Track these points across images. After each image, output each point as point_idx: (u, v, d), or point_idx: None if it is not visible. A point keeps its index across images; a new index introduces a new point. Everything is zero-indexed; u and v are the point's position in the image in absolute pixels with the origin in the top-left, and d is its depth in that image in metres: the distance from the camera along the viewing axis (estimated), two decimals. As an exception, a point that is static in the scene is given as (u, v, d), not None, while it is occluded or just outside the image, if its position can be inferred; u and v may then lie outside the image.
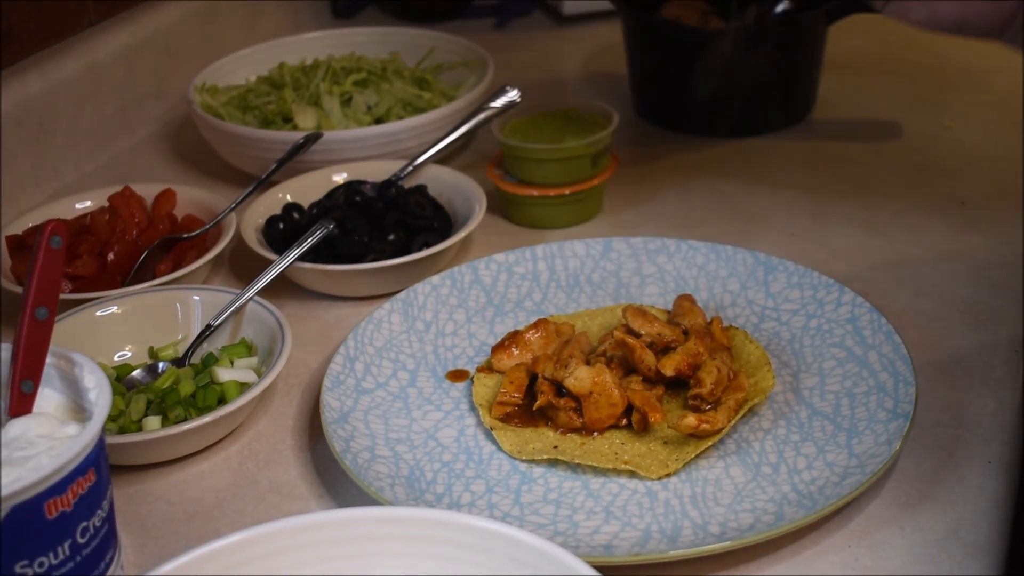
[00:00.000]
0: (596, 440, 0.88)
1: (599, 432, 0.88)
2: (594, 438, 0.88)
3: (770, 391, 0.89)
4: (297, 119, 1.29)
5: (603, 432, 0.88)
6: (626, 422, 0.89)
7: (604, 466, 0.85)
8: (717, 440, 0.86)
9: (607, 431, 0.89)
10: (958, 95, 1.44)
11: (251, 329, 0.98)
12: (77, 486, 0.71)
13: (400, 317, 1.00)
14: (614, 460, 0.85)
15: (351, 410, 0.90)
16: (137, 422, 0.90)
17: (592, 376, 0.88)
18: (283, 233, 1.12)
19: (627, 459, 0.85)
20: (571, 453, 0.86)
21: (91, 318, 0.99)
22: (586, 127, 1.20)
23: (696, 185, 1.26)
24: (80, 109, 1.34)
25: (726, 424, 0.86)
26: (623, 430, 0.89)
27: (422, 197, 1.14)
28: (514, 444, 0.88)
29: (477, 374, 0.96)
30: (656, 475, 0.84)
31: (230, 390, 0.92)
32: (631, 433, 0.88)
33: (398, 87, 1.35)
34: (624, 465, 0.84)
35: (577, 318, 1.01)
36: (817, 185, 1.25)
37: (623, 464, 0.85)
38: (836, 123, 1.39)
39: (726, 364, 0.89)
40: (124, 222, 1.12)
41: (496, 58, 1.41)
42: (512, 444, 0.88)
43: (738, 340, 0.95)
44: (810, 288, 0.99)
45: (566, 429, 0.89)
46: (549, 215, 1.19)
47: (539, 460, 0.86)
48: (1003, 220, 1.16)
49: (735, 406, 0.87)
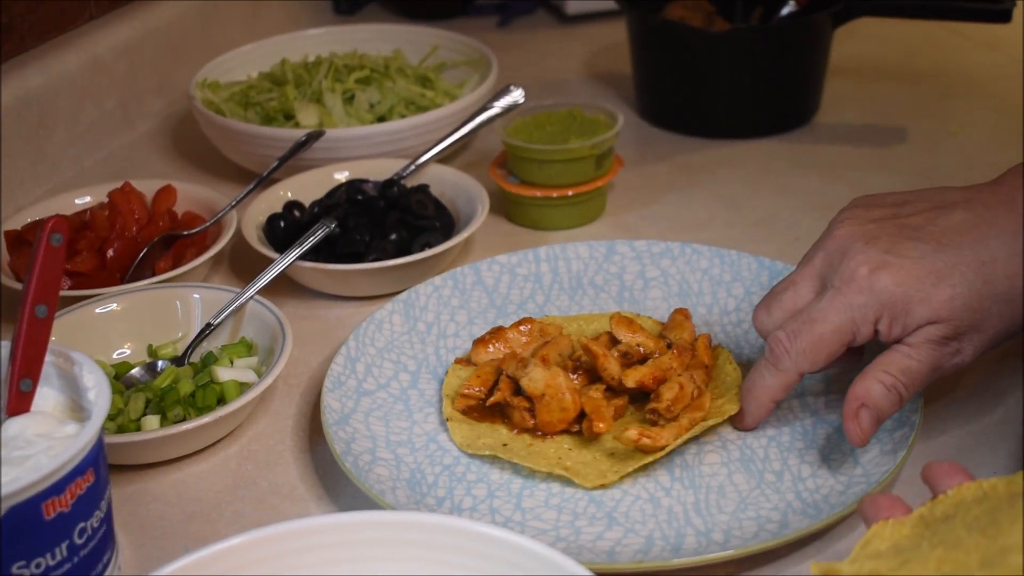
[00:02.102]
0: (544, 443, 0.88)
1: (550, 435, 0.88)
2: (543, 440, 0.88)
3: (732, 414, 0.87)
4: (299, 116, 1.28)
5: (553, 436, 0.88)
6: (578, 428, 0.88)
7: (540, 468, 0.84)
8: (660, 457, 0.84)
9: (558, 435, 0.88)
10: (963, 100, 1.44)
11: (251, 328, 0.98)
12: (75, 486, 0.70)
13: (401, 318, 0.99)
14: (556, 465, 0.85)
15: (352, 411, 0.89)
16: (136, 421, 0.89)
17: (546, 378, 0.87)
18: (284, 231, 1.11)
19: (568, 465, 0.85)
20: (518, 453, 0.86)
21: (90, 315, 0.98)
22: (590, 128, 1.19)
23: (700, 187, 1.26)
24: (80, 104, 1.34)
25: (671, 442, 0.84)
26: (574, 436, 0.88)
27: (424, 196, 1.13)
28: (466, 437, 0.88)
29: (454, 365, 0.96)
30: (591, 484, 0.83)
31: (230, 390, 0.91)
32: (580, 440, 0.88)
33: (401, 85, 1.34)
34: (563, 471, 0.84)
35: (574, 321, 1.01)
36: (821, 189, 1.24)
37: (562, 470, 0.84)
38: (841, 127, 1.38)
39: (694, 382, 0.88)
40: (124, 218, 1.11)
41: (499, 57, 1.40)
42: (464, 437, 0.88)
43: (721, 360, 0.94)
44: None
45: (520, 428, 0.89)
46: (552, 216, 1.18)
47: (484, 456, 0.87)
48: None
49: (688, 425, 0.85)
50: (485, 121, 1.21)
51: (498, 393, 0.90)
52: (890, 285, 0.79)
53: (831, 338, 0.80)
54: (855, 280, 0.80)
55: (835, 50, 1.37)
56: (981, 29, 1.44)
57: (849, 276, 0.80)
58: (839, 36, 1.36)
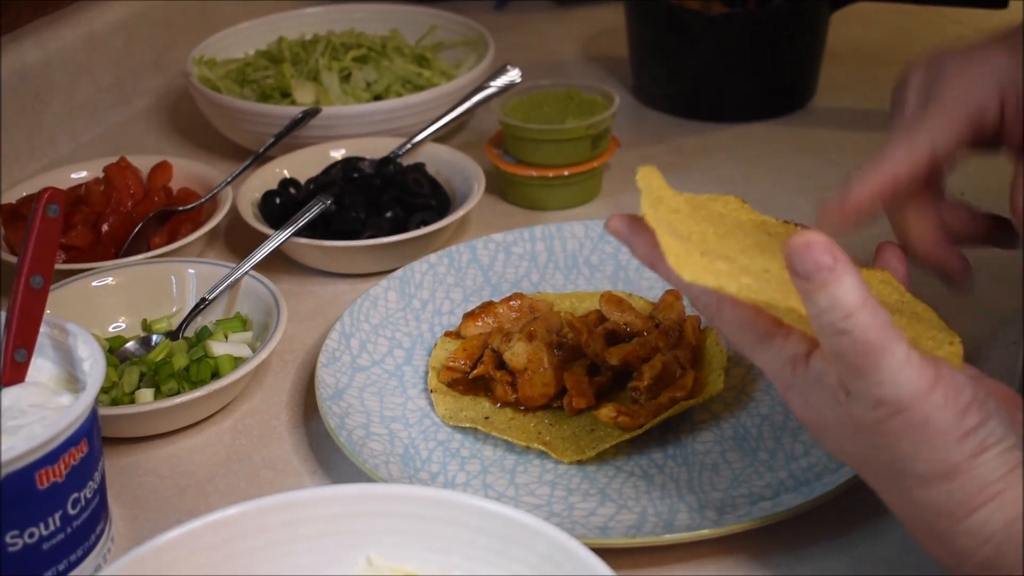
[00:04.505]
0: (525, 417, 0.88)
1: (531, 409, 0.88)
2: (524, 415, 0.88)
3: (714, 394, 0.88)
4: (295, 94, 1.28)
5: (535, 410, 0.88)
6: (559, 404, 0.89)
7: (520, 442, 0.85)
8: (638, 434, 0.84)
9: (539, 410, 0.89)
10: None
11: (246, 304, 0.98)
12: (69, 456, 0.71)
13: (397, 295, 0.99)
14: (535, 439, 0.85)
15: (346, 387, 0.89)
16: (130, 394, 0.89)
17: (528, 353, 0.88)
18: (280, 208, 1.11)
19: (547, 440, 0.85)
20: (498, 426, 0.87)
21: (86, 288, 0.98)
22: (587, 108, 1.19)
23: (695, 170, 1.26)
24: (77, 79, 1.33)
25: (649, 420, 0.84)
26: (555, 411, 0.89)
27: (420, 175, 1.13)
28: (449, 409, 0.89)
29: (443, 338, 0.97)
30: (569, 459, 0.84)
31: (224, 364, 0.91)
32: (561, 415, 0.88)
33: (398, 64, 1.34)
34: (541, 445, 0.84)
35: (566, 299, 1.01)
36: (817, 172, 1.24)
37: (541, 444, 0.85)
38: (837, 111, 1.38)
39: (677, 362, 0.88)
40: (119, 193, 1.11)
41: (496, 37, 1.40)
42: (447, 409, 0.89)
43: (709, 341, 0.94)
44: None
45: (502, 402, 0.89)
46: (548, 196, 1.18)
47: (466, 428, 0.87)
48: (1002, 212, 1.15)
49: (667, 404, 0.86)
50: (482, 100, 1.21)
51: (481, 366, 0.90)
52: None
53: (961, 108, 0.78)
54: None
55: (832, 34, 1.37)
56: (976, 15, 1.44)
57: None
58: (836, 21, 1.36)
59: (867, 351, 0.58)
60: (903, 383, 0.59)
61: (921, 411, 0.59)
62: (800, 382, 0.64)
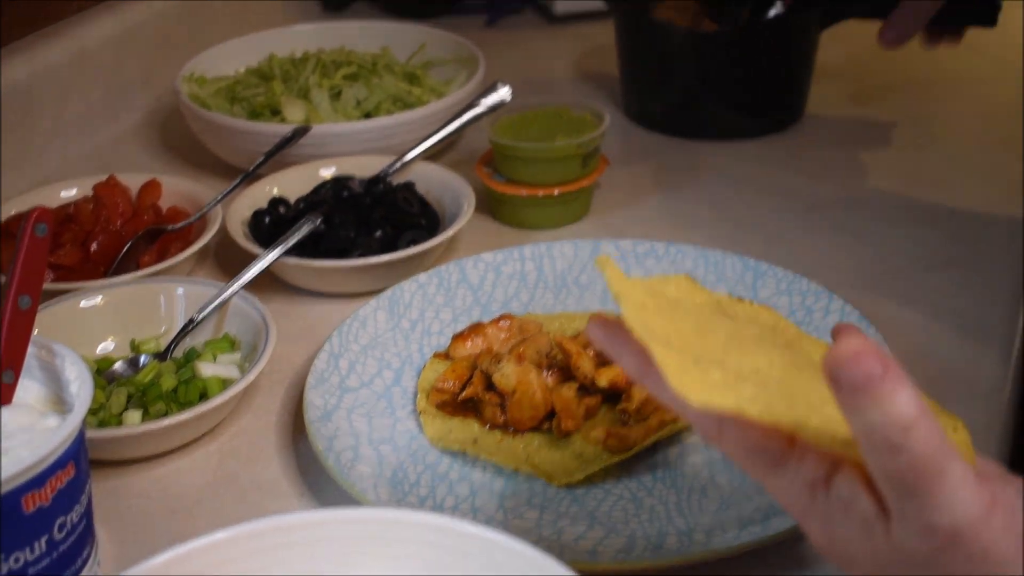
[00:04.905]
0: (515, 439, 0.88)
1: (520, 432, 0.88)
2: (513, 437, 0.88)
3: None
4: (285, 112, 1.28)
5: (524, 433, 0.88)
6: (548, 426, 0.89)
7: (509, 465, 0.85)
8: (627, 457, 0.84)
9: (528, 432, 0.88)
10: (948, 104, 1.44)
11: (235, 324, 0.97)
12: (56, 480, 0.70)
13: (386, 315, 0.99)
14: (524, 462, 0.85)
15: (335, 408, 0.89)
16: (117, 416, 0.89)
17: (518, 375, 0.88)
18: (269, 227, 1.11)
19: (536, 463, 0.85)
20: (487, 449, 0.87)
21: (73, 308, 0.98)
22: (576, 127, 1.19)
23: (685, 188, 1.26)
24: (66, 96, 1.33)
25: (639, 442, 0.85)
26: (544, 434, 0.88)
27: (410, 194, 1.13)
28: (438, 431, 0.88)
29: (432, 359, 0.96)
30: (558, 482, 0.83)
31: (212, 386, 0.91)
32: (550, 438, 0.88)
33: (388, 82, 1.34)
34: (530, 468, 0.84)
35: (555, 319, 1.01)
36: (807, 191, 1.24)
37: (530, 467, 0.84)
38: (826, 129, 1.38)
39: None
40: (108, 212, 1.10)
41: (486, 55, 1.40)
42: (436, 431, 0.89)
43: None
44: (799, 295, 0.99)
45: (491, 424, 0.89)
46: (538, 215, 1.18)
47: (455, 450, 0.87)
48: (992, 231, 1.16)
49: (656, 426, 0.86)
50: (472, 119, 1.21)
51: (471, 388, 0.90)
52: None
53: None
54: None
55: (821, 52, 1.37)
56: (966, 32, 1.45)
57: None
58: (825, 38, 1.36)
59: (925, 470, 0.51)
60: (960, 507, 0.52)
61: (979, 541, 0.52)
62: (821, 509, 0.56)
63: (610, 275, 0.59)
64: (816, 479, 0.56)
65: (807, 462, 0.56)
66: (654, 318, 0.58)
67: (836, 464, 0.56)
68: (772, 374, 0.56)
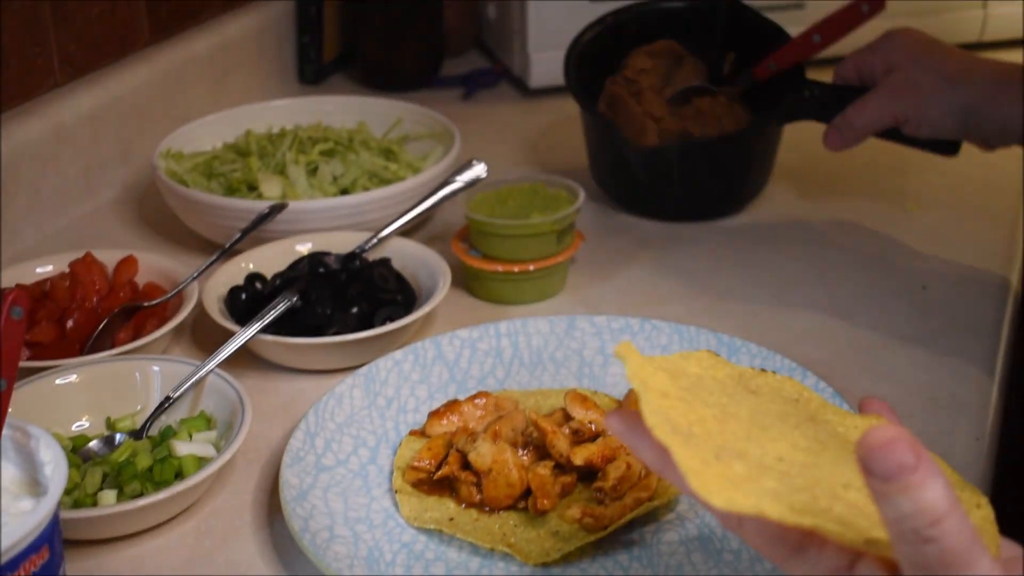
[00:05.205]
0: (491, 518, 0.88)
1: (496, 510, 0.88)
2: (489, 516, 0.88)
3: (679, 495, 0.88)
4: (263, 188, 1.28)
5: (500, 511, 0.88)
6: (524, 505, 0.89)
7: (485, 544, 0.85)
8: (603, 536, 0.85)
9: (505, 511, 0.88)
10: (919, 178, 1.46)
11: (211, 401, 0.97)
12: (30, 563, 0.70)
13: (362, 392, 0.99)
14: (500, 541, 0.85)
15: (310, 487, 0.89)
16: (92, 496, 0.89)
17: (494, 453, 0.88)
18: (246, 303, 1.11)
19: (512, 542, 0.85)
20: (463, 528, 0.87)
21: (49, 386, 0.97)
22: (552, 203, 1.20)
23: (660, 262, 1.27)
24: (43, 171, 1.34)
25: (614, 521, 0.85)
26: (520, 512, 0.89)
27: (386, 270, 1.14)
28: (414, 510, 0.88)
29: (408, 436, 0.97)
30: (534, 561, 0.83)
31: (188, 464, 0.91)
32: (526, 516, 0.88)
33: (364, 158, 1.35)
34: (506, 548, 0.84)
35: (531, 396, 1.01)
36: (780, 265, 1.26)
37: (506, 546, 0.84)
38: (798, 204, 1.40)
39: (641, 462, 0.89)
40: (85, 289, 1.11)
41: (463, 128, 1.41)
42: (412, 510, 0.88)
43: None
44: (773, 370, 0.99)
45: (467, 503, 0.89)
46: (513, 291, 1.19)
47: (431, 529, 0.87)
48: (962, 305, 1.17)
49: (632, 505, 0.86)
50: (447, 195, 1.22)
51: (446, 467, 0.90)
52: None
53: None
54: None
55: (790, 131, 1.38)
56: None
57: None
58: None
59: (954, 561, 0.52)
60: None
61: None
62: None
63: (631, 366, 0.60)
64: (839, 565, 0.57)
65: (827, 551, 0.57)
66: (676, 407, 0.58)
67: (856, 553, 0.56)
68: (796, 459, 0.57)
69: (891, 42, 1.23)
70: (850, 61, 1.26)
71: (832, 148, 1.26)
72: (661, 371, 0.61)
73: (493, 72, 1.82)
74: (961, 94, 1.17)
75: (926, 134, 1.22)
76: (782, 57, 1.32)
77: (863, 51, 1.25)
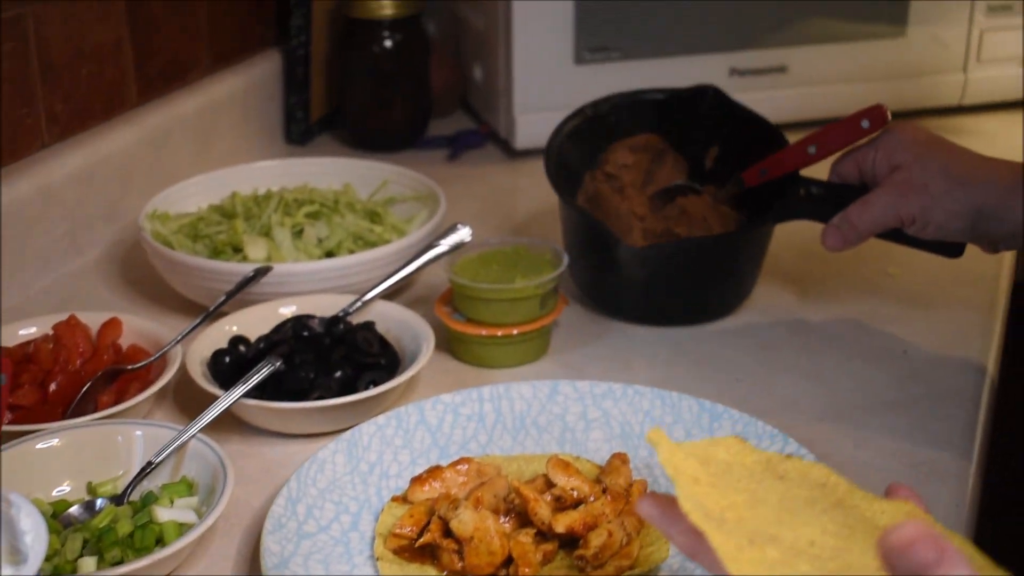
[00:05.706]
0: None
1: None
2: None
3: (661, 563, 0.89)
4: (247, 250, 1.29)
5: None
6: (505, 572, 0.89)
7: None
8: None
9: None
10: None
11: (193, 466, 0.97)
12: (8, 634, 0.70)
13: (344, 458, 0.99)
14: None
15: (292, 555, 0.89)
16: (72, 563, 0.88)
17: (475, 521, 0.88)
18: (229, 367, 1.11)
19: None
20: None
21: (30, 451, 0.97)
22: (535, 266, 1.21)
23: (643, 327, 1.27)
24: (29, 231, 1.34)
25: None
26: None
27: (370, 334, 1.14)
28: None
29: (390, 502, 0.96)
30: None
31: (169, 531, 0.91)
32: None
33: (349, 220, 1.35)
34: None
35: (513, 461, 1.02)
36: (761, 329, 1.26)
37: None
38: (781, 271, 1.40)
39: (624, 529, 0.89)
40: (68, 351, 1.11)
41: (448, 190, 1.42)
42: None
43: None
44: (754, 437, 1.00)
45: (449, 571, 0.89)
46: (497, 354, 1.19)
47: None
48: (944, 372, 1.17)
49: (614, 573, 0.86)
50: (432, 259, 1.23)
51: (428, 534, 0.90)
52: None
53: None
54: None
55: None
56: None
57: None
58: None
59: None
60: None
61: None
62: None
63: (663, 452, 0.62)
64: None
65: None
66: (707, 492, 0.61)
67: None
68: (827, 543, 0.59)
69: (893, 139, 1.17)
70: (850, 158, 1.21)
71: (831, 248, 1.20)
72: (691, 457, 0.64)
73: (479, 133, 1.83)
74: (971, 196, 1.12)
75: (931, 235, 1.17)
76: (775, 166, 1.26)
77: (864, 148, 1.20)
